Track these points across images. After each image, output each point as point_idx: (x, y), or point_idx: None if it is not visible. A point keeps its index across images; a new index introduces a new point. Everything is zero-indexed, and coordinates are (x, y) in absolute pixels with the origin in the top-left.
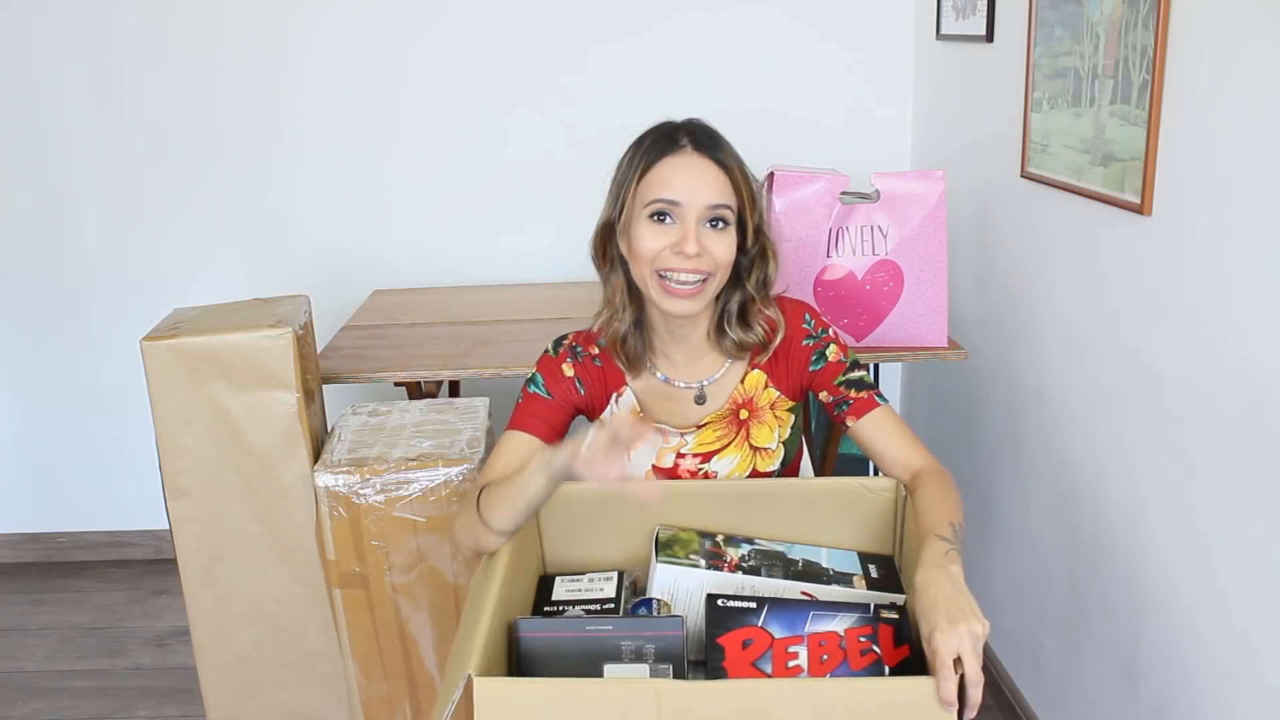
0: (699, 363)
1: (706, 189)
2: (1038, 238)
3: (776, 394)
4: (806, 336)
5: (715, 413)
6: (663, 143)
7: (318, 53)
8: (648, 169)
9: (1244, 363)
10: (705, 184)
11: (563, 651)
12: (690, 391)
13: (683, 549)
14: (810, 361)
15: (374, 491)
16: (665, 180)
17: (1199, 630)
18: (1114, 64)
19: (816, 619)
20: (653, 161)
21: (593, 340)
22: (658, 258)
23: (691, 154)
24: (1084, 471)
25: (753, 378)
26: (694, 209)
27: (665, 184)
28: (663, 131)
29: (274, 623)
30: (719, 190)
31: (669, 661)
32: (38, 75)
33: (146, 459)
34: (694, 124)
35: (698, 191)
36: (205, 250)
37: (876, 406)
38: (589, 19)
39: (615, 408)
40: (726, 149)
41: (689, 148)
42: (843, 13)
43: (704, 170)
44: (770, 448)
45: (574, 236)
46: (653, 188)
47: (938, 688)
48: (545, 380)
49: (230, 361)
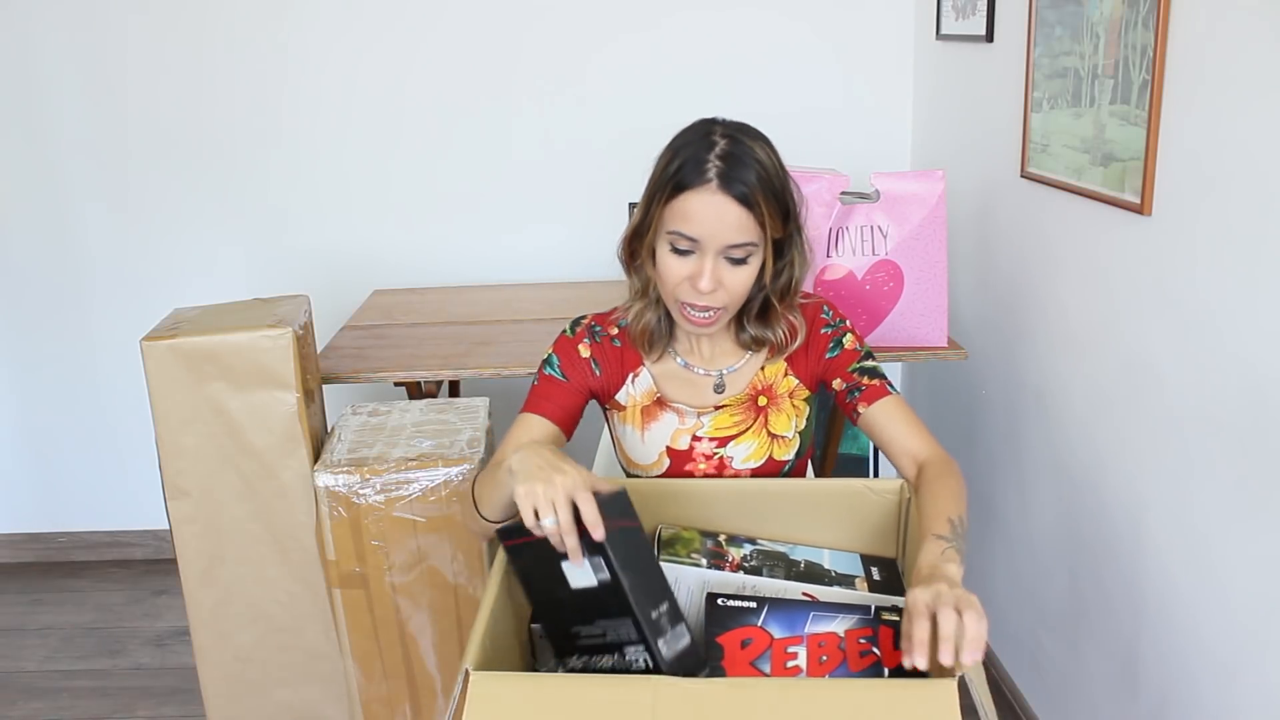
0: (720, 353)
1: (726, 230)
2: (1038, 238)
3: (795, 382)
4: (825, 325)
5: (734, 396)
6: (691, 171)
7: (318, 52)
8: (673, 197)
9: (1244, 363)
10: (726, 225)
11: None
12: (709, 379)
13: (684, 548)
14: (828, 349)
15: (374, 491)
16: (686, 215)
17: (1199, 630)
18: (1114, 64)
19: (816, 620)
20: (677, 191)
21: (612, 321)
22: (677, 289)
23: (715, 192)
24: (1084, 471)
25: (773, 365)
26: (713, 246)
27: (685, 218)
28: (692, 153)
29: (274, 623)
30: (739, 230)
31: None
32: (38, 75)
33: (146, 459)
34: (729, 147)
35: (717, 232)
36: (205, 250)
37: (888, 395)
38: (589, 21)
39: (632, 389)
40: (756, 179)
41: (715, 184)
42: (843, 13)
43: (726, 211)
44: (787, 436)
45: (574, 237)
46: (674, 218)
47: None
48: (561, 362)
49: (230, 361)
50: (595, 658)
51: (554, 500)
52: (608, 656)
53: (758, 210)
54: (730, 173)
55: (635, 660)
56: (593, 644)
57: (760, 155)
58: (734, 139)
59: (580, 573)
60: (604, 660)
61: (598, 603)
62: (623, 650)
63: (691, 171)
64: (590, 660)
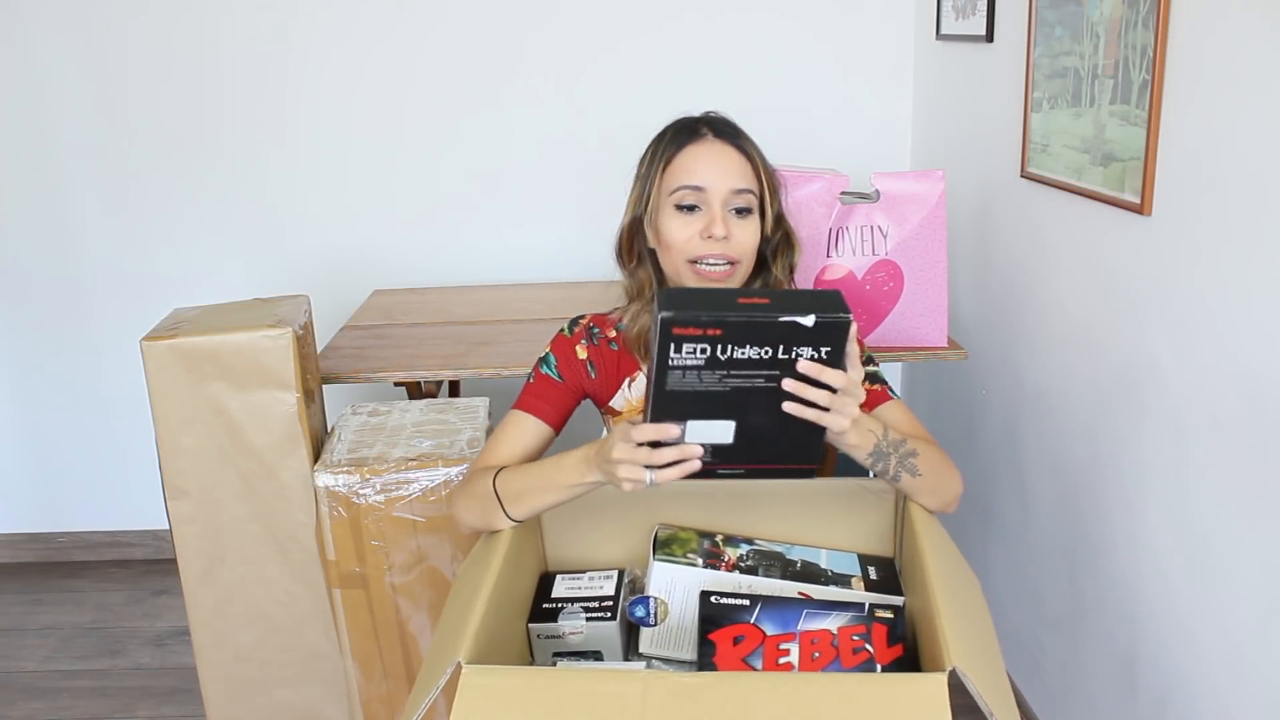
0: None
1: (730, 174)
2: (1038, 238)
3: None
4: None
5: None
6: (684, 134)
7: (319, 52)
8: (671, 159)
9: (1243, 363)
10: (728, 169)
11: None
12: None
13: (681, 548)
14: None
15: (374, 491)
16: (689, 168)
17: (1198, 629)
18: (1114, 64)
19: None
20: (675, 151)
21: (610, 323)
22: (687, 246)
23: (714, 141)
24: (1084, 471)
25: None
26: (719, 194)
27: (689, 171)
28: (683, 124)
29: (274, 623)
30: (742, 175)
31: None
32: (38, 75)
33: (146, 459)
34: (713, 115)
35: (722, 177)
36: (205, 250)
37: (888, 400)
38: (589, 22)
39: (628, 393)
40: (746, 137)
41: (710, 135)
42: (843, 13)
43: (726, 156)
44: None
45: (574, 237)
46: (677, 176)
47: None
48: (558, 362)
49: (230, 361)
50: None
51: (636, 470)
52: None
53: (753, 160)
54: (722, 128)
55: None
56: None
57: (742, 129)
58: (715, 114)
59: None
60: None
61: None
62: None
63: (685, 133)
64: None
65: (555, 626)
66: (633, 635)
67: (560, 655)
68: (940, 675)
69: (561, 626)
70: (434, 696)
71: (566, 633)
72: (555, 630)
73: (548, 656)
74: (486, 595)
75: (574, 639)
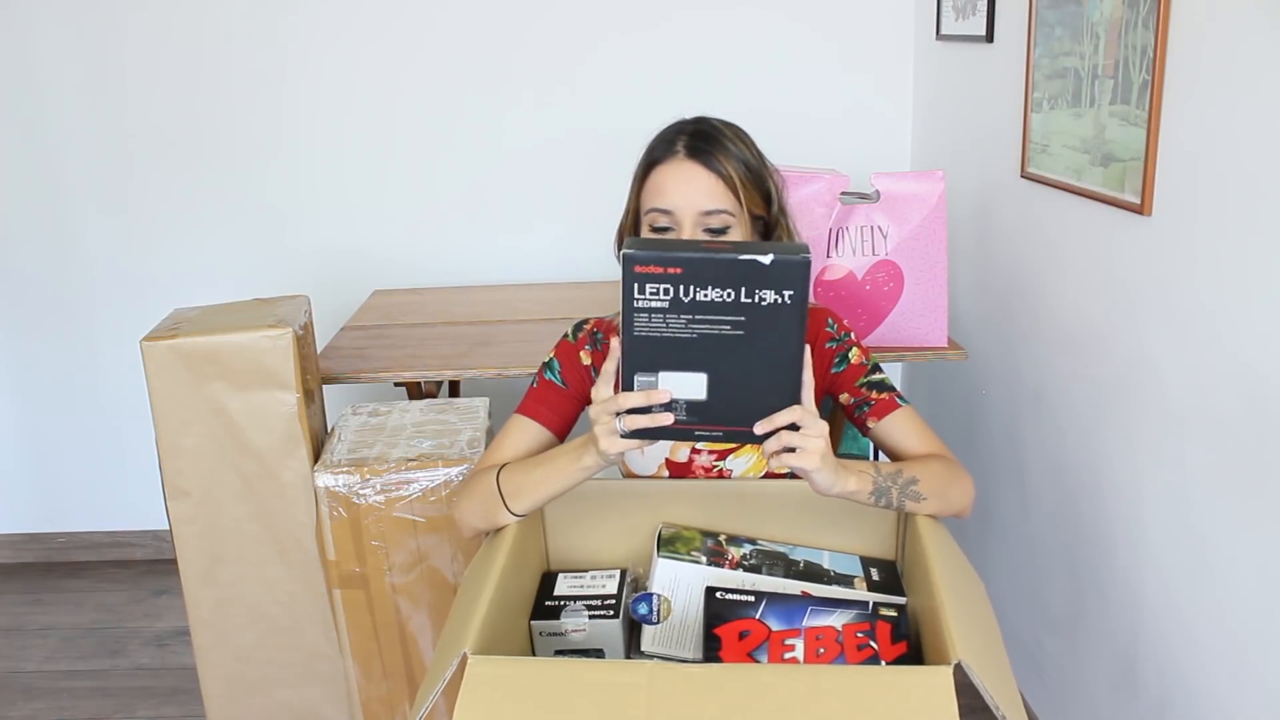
0: None
1: (698, 195)
2: (1038, 238)
3: None
4: (830, 339)
5: None
6: (660, 149)
7: (317, 52)
8: (645, 176)
9: (1243, 363)
10: (696, 190)
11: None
12: None
13: (685, 546)
14: (833, 364)
15: (374, 491)
16: (658, 188)
17: (1198, 629)
18: (1114, 64)
19: (814, 614)
20: (648, 170)
21: (613, 327)
22: None
23: (683, 161)
24: (1084, 471)
25: None
26: (688, 216)
27: (658, 192)
28: (663, 136)
29: (274, 623)
30: (711, 196)
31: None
32: (38, 75)
33: (146, 459)
34: (697, 125)
35: (691, 198)
36: (205, 250)
37: (898, 408)
38: (588, 21)
39: None
40: (726, 150)
41: (682, 154)
42: (843, 13)
43: (694, 177)
44: None
45: (574, 237)
46: (650, 196)
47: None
48: (562, 368)
49: (230, 362)
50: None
51: (608, 421)
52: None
53: (728, 178)
54: (696, 144)
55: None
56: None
57: (728, 133)
58: (702, 119)
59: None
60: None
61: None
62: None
63: (661, 149)
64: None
65: (557, 624)
66: (635, 634)
67: (562, 653)
68: (946, 668)
69: (564, 624)
70: (441, 687)
71: (569, 630)
72: (558, 628)
73: (549, 654)
74: (490, 593)
75: (576, 637)
